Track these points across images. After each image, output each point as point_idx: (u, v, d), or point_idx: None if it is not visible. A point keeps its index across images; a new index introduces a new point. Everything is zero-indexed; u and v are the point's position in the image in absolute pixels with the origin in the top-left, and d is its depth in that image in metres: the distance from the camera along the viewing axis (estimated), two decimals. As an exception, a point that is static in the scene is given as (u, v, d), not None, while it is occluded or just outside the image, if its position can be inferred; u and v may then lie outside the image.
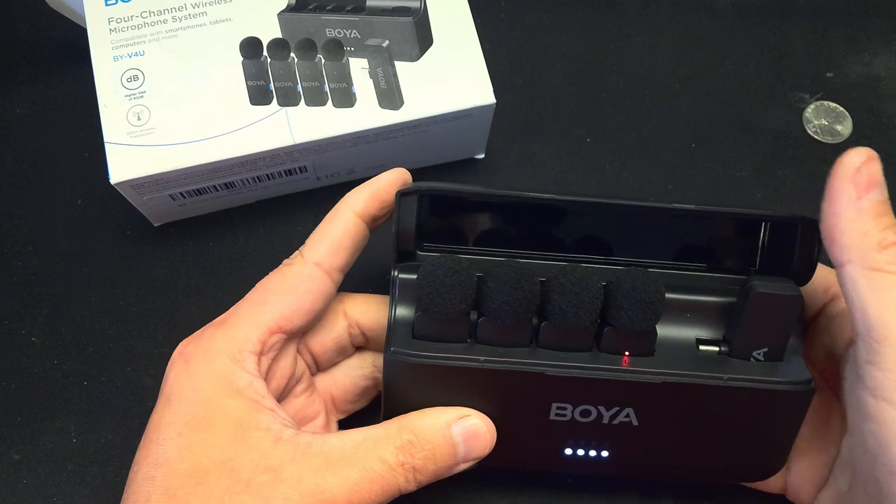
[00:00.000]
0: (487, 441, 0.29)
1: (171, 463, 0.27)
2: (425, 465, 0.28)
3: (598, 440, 0.30)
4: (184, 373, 0.29)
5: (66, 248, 0.40)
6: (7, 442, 0.36)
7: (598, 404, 0.29)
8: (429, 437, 0.28)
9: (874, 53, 0.45)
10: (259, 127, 0.35)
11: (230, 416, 0.28)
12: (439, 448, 0.28)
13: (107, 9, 0.37)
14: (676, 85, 0.44)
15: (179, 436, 0.27)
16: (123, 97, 0.36)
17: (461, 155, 0.42)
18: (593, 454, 0.30)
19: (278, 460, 0.27)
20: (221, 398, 0.28)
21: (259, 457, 0.27)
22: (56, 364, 0.38)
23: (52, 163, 0.42)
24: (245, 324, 0.29)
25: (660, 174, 0.42)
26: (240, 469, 0.27)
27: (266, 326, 0.29)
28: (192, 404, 0.28)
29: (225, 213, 0.40)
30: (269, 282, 0.30)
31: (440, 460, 0.28)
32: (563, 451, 0.30)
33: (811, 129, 0.43)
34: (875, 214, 0.26)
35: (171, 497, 0.27)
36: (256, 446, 0.27)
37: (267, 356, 0.29)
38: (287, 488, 0.26)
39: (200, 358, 0.29)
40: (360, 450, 0.27)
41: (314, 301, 0.30)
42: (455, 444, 0.29)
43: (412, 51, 0.36)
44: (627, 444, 0.30)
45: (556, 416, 0.29)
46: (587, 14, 0.46)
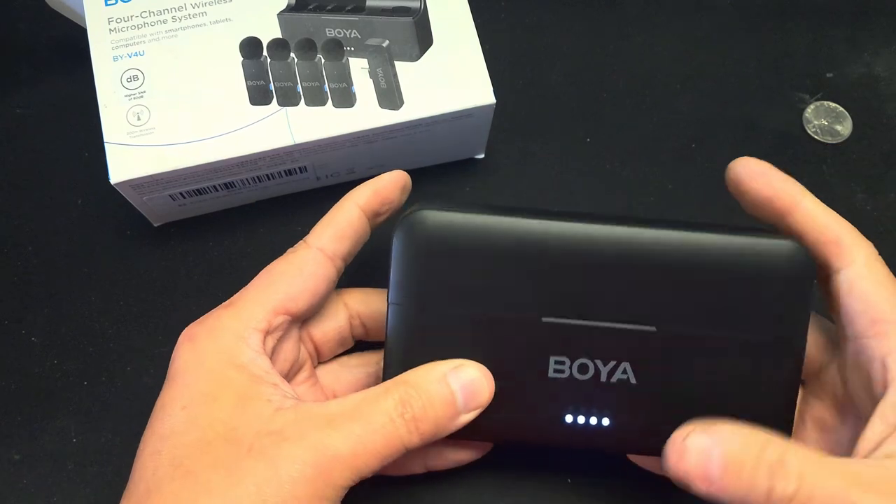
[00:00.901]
0: (485, 389, 0.29)
1: (176, 436, 0.28)
2: (425, 414, 0.28)
3: (598, 403, 0.30)
4: (189, 351, 0.29)
5: (66, 248, 0.40)
6: (7, 442, 0.36)
7: (595, 358, 0.29)
8: (425, 387, 0.28)
9: (874, 53, 0.45)
10: (259, 127, 0.35)
11: (233, 388, 0.28)
12: (437, 397, 0.28)
13: (107, 9, 0.37)
14: (676, 85, 0.44)
15: (184, 409, 0.28)
16: (123, 97, 0.36)
17: (461, 155, 0.42)
18: (594, 422, 0.30)
19: (280, 424, 0.27)
20: (225, 371, 0.28)
21: (261, 424, 0.27)
22: (56, 364, 0.38)
23: (52, 163, 0.42)
24: (251, 304, 0.30)
25: (660, 174, 0.42)
26: (242, 436, 0.27)
27: (272, 306, 0.30)
28: (196, 379, 0.29)
29: (225, 213, 0.40)
30: (275, 266, 0.31)
31: (439, 410, 0.28)
32: (564, 417, 0.30)
33: (811, 129, 0.43)
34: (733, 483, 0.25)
35: (177, 467, 0.27)
36: (258, 415, 0.28)
37: (273, 336, 0.30)
38: (290, 446, 0.27)
39: (205, 336, 0.29)
40: (360, 406, 0.28)
41: (318, 283, 0.31)
42: (452, 392, 0.29)
43: (412, 51, 0.36)
44: (628, 407, 0.30)
45: (555, 372, 0.29)
46: (587, 14, 0.46)
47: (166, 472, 0.27)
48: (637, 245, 0.29)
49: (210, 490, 0.26)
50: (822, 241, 0.29)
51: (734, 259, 0.29)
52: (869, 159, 0.43)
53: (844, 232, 0.29)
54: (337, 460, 0.27)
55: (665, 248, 0.29)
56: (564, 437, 0.30)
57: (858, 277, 0.28)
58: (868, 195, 0.42)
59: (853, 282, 0.29)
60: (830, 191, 0.42)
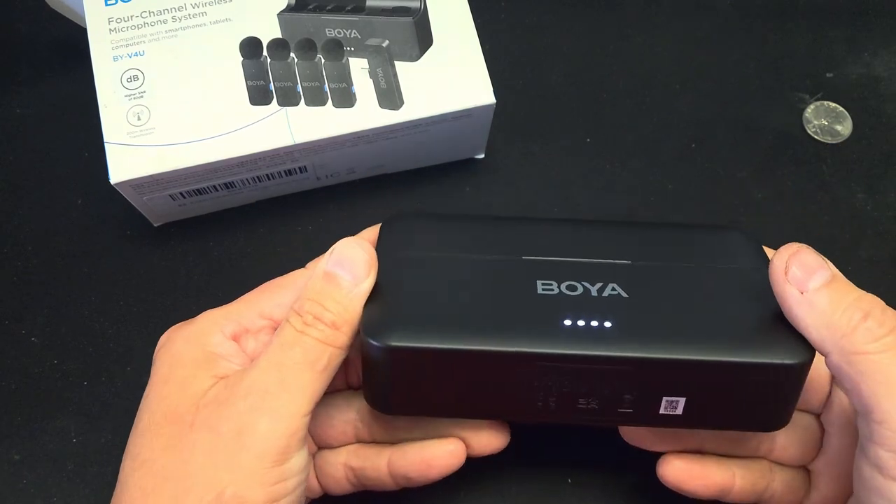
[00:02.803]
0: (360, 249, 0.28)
1: (137, 425, 0.28)
2: (319, 309, 0.27)
3: (596, 310, 0.29)
4: (165, 342, 0.30)
5: (66, 248, 0.40)
6: (7, 442, 0.36)
7: (581, 280, 0.30)
8: (310, 286, 0.28)
9: (874, 53, 0.45)
10: (259, 127, 0.35)
11: (186, 367, 0.28)
12: (321, 286, 0.28)
13: (107, 9, 0.37)
14: (676, 85, 0.44)
15: (146, 398, 0.28)
16: (123, 97, 0.36)
17: (461, 155, 0.42)
18: (595, 324, 0.28)
19: (215, 393, 0.27)
20: (188, 353, 0.29)
21: (199, 397, 0.27)
22: (56, 364, 0.38)
23: (52, 163, 0.42)
24: (237, 304, 0.30)
25: (660, 174, 0.42)
26: (184, 413, 0.27)
27: (257, 310, 0.30)
28: (164, 366, 0.29)
29: (225, 213, 0.40)
30: (272, 280, 0.31)
31: (330, 295, 0.28)
32: (563, 321, 0.28)
33: (811, 129, 0.43)
34: (829, 301, 0.26)
35: (135, 458, 0.27)
36: (199, 389, 0.28)
37: (256, 337, 0.30)
38: (225, 408, 0.26)
39: (183, 326, 0.30)
40: (274, 341, 0.27)
41: None
42: (332, 274, 0.28)
43: (412, 51, 0.36)
44: (626, 313, 0.29)
45: (543, 290, 0.29)
46: (587, 14, 0.46)
47: (129, 467, 0.27)
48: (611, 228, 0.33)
49: (166, 474, 0.26)
50: None
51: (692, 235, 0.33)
52: (869, 159, 0.43)
53: None
54: (274, 397, 0.26)
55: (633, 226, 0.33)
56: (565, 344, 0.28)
57: None
58: (868, 195, 0.42)
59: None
60: (830, 191, 0.42)
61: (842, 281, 0.27)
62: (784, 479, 0.32)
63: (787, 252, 0.27)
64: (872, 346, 0.25)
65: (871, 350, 0.25)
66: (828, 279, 0.26)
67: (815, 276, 0.26)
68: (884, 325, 0.25)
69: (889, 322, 0.25)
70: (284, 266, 0.32)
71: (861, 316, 0.25)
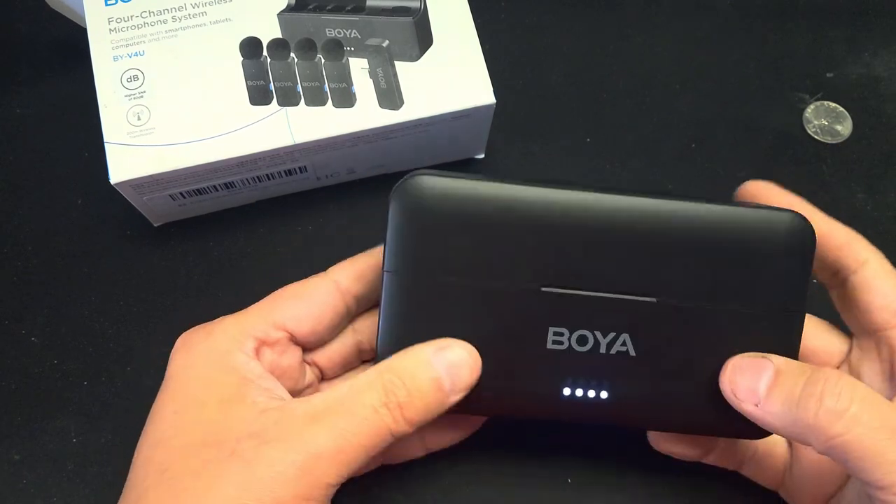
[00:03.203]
0: (472, 368, 0.28)
1: (164, 441, 0.28)
2: (410, 401, 0.27)
3: (597, 375, 0.29)
4: (184, 355, 0.29)
5: (66, 248, 0.40)
6: (7, 442, 0.36)
7: (594, 329, 0.29)
8: (410, 372, 0.27)
9: (874, 53, 0.45)
10: (259, 127, 0.35)
11: (221, 391, 0.28)
12: (422, 382, 0.27)
13: (107, 9, 0.37)
14: (676, 85, 0.44)
15: (175, 414, 0.28)
16: (123, 97, 0.36)
17: (461, 155, 0.42)
18: (592, 395, 0.30)
19: (262, 425, 0.27)
20: (216, 374, 0.28)
21: (243, 426, 0.27)
22: (56, 364, 0.38)
23: (52, 163, 0.42)
24: (252, 315, 0.30)
25: (660, 174, 0.42)
26: (224, 440, 0.27)
27: (272, 320, 0.30)
28: (188, 383, 0.29)
29: (225, 213, 0.40)
30: (288, 287, 0.31)
31: (427, 395, 0.28)
32: (562, 390, 0.29)
33: (811, 129, 0.43)
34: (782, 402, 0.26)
35: (162, 473, 0.27)
36: (241, 417, 0.27)
37: (273, 350, 0.30)
38: (270, 449, 0.26)
39: (202, 339, 0.29)
40: (344, 399, 0.27)
41: (324, 311, 0.30)
42: (438, 377, 0.28)
43: (412, 51, 0.36)
44: (625, 380, 0.29)
45: (554, 343, 0.29)
46: (587, 14, 0.46)
47: (153, 480, 0.27)
48: (639, 215, 0.28)
49: (190, 495, 0.26)
50: (832, 246, 0.30)
51: (735, 230, 0.29)
52: (869, 159, 0.43)
53: (851, 236, 0.30)
54: (321, 458, 0.26)
55: (667, 219, 0.28)
56: (561, 411, 0.30)
57: (874, 276, 0.30)
58: (868, 195, 0.42)
59: (870, 280, 0.30)
60: (830, 191, 0.42)
61: (785, 370, 0.27)
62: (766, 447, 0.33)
63: (727, 371, 0.28)
64: (840, 428, 0.25)
65: (841, 431, 0.25)
66: (771, 380, 0.27)
67: (760, 382, 0.27)
68: (841, 400, 0.26)
69: (845, 394, 0.26)
70: (284, 266, 0.32)
71: (816, 401, 0.26)
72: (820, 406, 0.26)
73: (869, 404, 0.25)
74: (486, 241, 0.28)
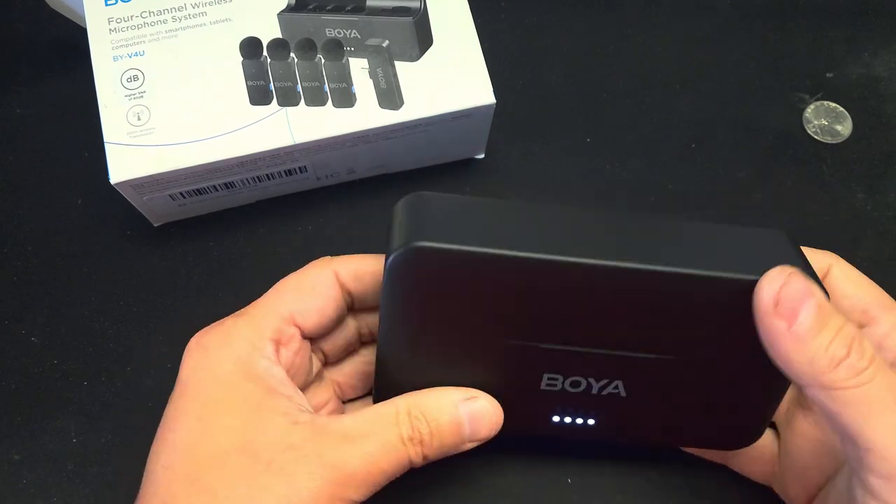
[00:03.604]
0: (493, 423, 0.30)
1: (190, 448, 0.27)
2: (431, 441, 0.29)
3: (586, 409, 0.30)
4: (202, 359, 0.29)
5: (66, 248, 0.40)
6: (7, 442, 0.36)
7: (588, 376, 0.29)
8: (435, 414, 0.29)
9: (874, 53, 0.45)
10: (259, 127, 0.35)
11: (248, 399, 0.28)
12: (445, 426, 0.29)
13: (107, 9, 0.37)
14: (676, 85, 0.44)
15: (198, 420, 0.28)
16: (123, 97, 0.36)
17: (461, 155, 0.42)
18: (580, 422, 0.31)
19: (299, 439, 0.27)
20: (240, 381, 0.28)
21: (279, 437, 0.27)
22: (56, 364, 0.38)
23: (52, 163, 0.42)
24: (264, 314, 0.30)
25: (660, 174, 0.42)
26: (261, 450, 0.27)
27: (282, 318, 0.30)
28: (210, 389, 0.28)
29: (225, 213, 0.40)
30: (290, 279, 0.31)
31: (446, 437, 0.29)
32: (551, 417, 0.31)
33: (811, 129, 0.43)
34: (813, 333, 0.25)
35: (193, 482, 0.27)
36: (275, 428, 0.27)
37: (287, 348, 0.30)
38: (309, 463, 0.27)
39: (219, 344, 0.29)
40: (375, 426, 0.28)
41: (327, 304, 0.30)
42: (461, 423, 0.29)
43: (412, 51, 0.36)
44: (614, 414, 0.30)
45: (547, 386, 0.30)
46: (587, 14, 0.46)
47: (182, 488, 0.27)
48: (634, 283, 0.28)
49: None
50: None
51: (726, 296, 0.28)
52: (869, 159, 0.43)
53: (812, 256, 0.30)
54: (352, 478, 0.27)
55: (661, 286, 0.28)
56: (549, 432, 0.31)
57: (840, 280, 0.30)
58: (868, 195, 0.42)
59: (836, 286, 0.30)
60: (830, 191, 0.42)
61: (826, 310, 0.26)
62: None
63: (778, 281, 0.26)
64: (854, 381, 0.25)
65: (852, 384, 0.25)
66: (815, 312, 0.26)
67: (804, 308, 0.26)
68: (864, 357, 0.25)
69: (868, 352, 0.25)
70: (284, 266, 0.32)
71: (844, 352, 0.25)
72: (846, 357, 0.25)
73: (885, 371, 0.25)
74: (482, 307, 0.28)
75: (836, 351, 0.25)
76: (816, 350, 0.25)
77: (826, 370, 0.25)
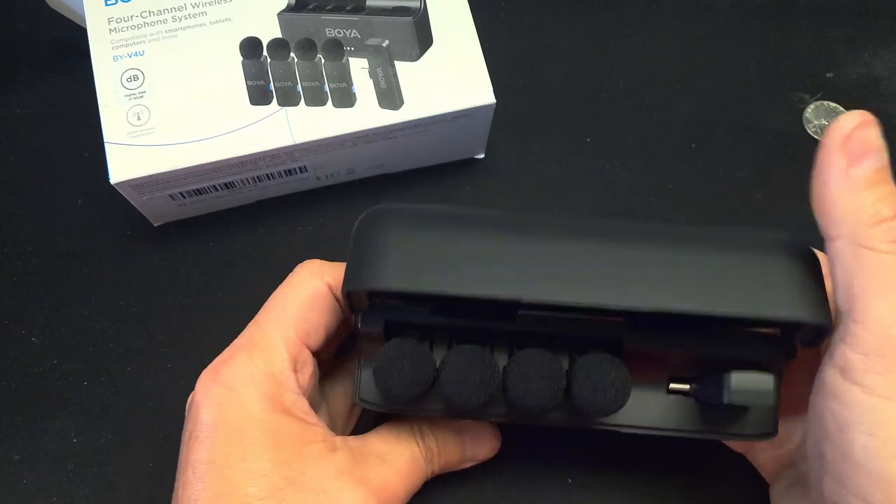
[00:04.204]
0: (490, 448, 0.33)
1: (238, 489, 0.27)
2: (439, 458, 0.32)
3: None
4: (229, 399, 0.28)
5: (66, 248, 0.40)
6: (7, 442, 0.36)
7: None
8: (443, 436, 0.32)
9: (874, 53, 0.45)
10: (259, 127, 0.35)
11: (287, 433, 0.28)
12: (450, 444, 0.32)
13: (107, 9, 0.37)
14: (676, 85, 0.44)
15: (243, 461, 0.27)
16: (123, 97, 0.36)
17: (461, 155, 0.42)
18: None
19: (346, 465, 0.29)
20: (274, 417, 0.28)
21: (326, 466, 0.28)
22: (56, 364, 0.38)
23: (52, 163, 0.42)
24: (276, 342, 0.29)
25: (660, 174, 0.42)
26: (313, 480, 0.28)
27: (294, 344, 0.29)
28: (246, 428, 0.28)
29: (225, 213, 0.40)
30: (287, 297, 0.30)
31: (450, 456, 0.32)
32: None
33: (811, 129, 0.43)
34: (868, 185, 0.24)
35: (219, 495, 0.26)
36: (319, 458, 0.28)
37: (302, 374, 0.30)
38: (360, 487, 0.28)
39: (244, 381, 0.28)
40: (399, 445, 0.31)
41: (329, 320, 0.31)
42: (463, 442, 0.32)
43: (412, 51, 0.36)
44: None
45: None
46: (587, 14, 0.46)
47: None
48: None
49: None
50: None
51: None
52: (869, 159, 0.43)
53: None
54: (395, 496, 0.30)
55: None
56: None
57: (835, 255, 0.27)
58: (868, 195, 0.42)
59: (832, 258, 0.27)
60: (830, 191, 0.42)
61: (886, 172, 0.25)
62: None
63: (857, 120, 0.25)
64: (887, 246, 0.24)
65: (884, 249, 0.24)
66: (879, 166, 0.24)
67: (869, 158, 0.24)
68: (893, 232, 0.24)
69: None
70: (284, 266, 0.31)
71: (891, 213, 0.24)
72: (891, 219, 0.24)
73: None
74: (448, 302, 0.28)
75: (884, 210, 0.24)
76: (865, 200, 0.24)
77: (867, 224, 0.24)
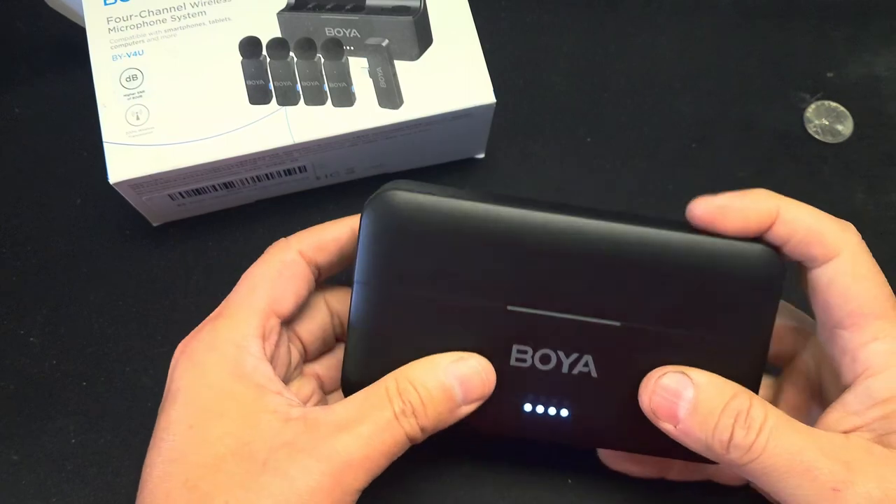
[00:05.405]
0: (484, 380, 0.29)
1: (186, 456, 0.27)
2: (425, 410, 0.28)
3: (558, 393, 0.30)
4: (189, 367, 0.29)
5: (66, 248, 0.40)
6: (6, 442, 0.36)
7: (557, 348, 0.29)
8: (423, 381, 0.28)
9: (875, 53, 0.45)
10: (258, 126, 0.35)
11: (240, 401, 0.28)
12: (435, 391, 0.28)
13: (106, 8, 0.37)
14: (677, 85, 0.44)
15: (191, 428, 0.28)
16: (122, 97, 0.35)
17: (461, 155, 0.41)
18: (553, 412, 0.30)
19: (291, 435, 0.27)
20: (229, 384, 0.28)
21: (272, 436, 0.27)
22: (55, 364, 0.38)
23: (51, 163, 0.42)
24: (243, 311, 0.30)
25: (660, 174, 0.42)
26: (256, 451, 0.27)
27: (261, 311, 0.30)
28: (200, 395, 0.28)
29: (225, 213, 0.40)
30: (256, 270, 0.31)
31: (439, 404, 0.28)
32: (523, 406, 0.30)
33: (812, 128, 0.43)
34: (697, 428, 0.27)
35: (191, 489, 0.26)
36: (268, 427, 0.27)
37: (269, 341, 0.30)
38: (304, 457, 0.26)
39: (205, 349, 0.29)
40: (363, 407, 0.28)
41: (299, 286, 0.31)
42: (451, 387, 0.29)
43: (412, 50, 0.36)
44: (587, 400, 0.30)
45: (517, 360, 0.30)
46: (587, 14, 0.46)
47: (181, 495, 0.26)
48: (609, 240, 0.29)
49: None
50: (806, 240, 0.29)
51: (704, 260, 0.29)
52: (870, 159, 0.43)
53: (827, 228, 0.29)
54: (350, 465, 0.27)
55: (636, 245, 0.29)
56: (524, 427, 0.30)
57: (838, 272, 0.28)
58: (868, 195, 0.42)
59: (833, 276, 0.29)
60: (830, 191, 0.42)
61: (705, 394, 0.27)
62: None
63: (648, 388, 0.28)
64: (747, 458, 0.26)
65: (747, 461, 0.26)
66: (691, 404, 0.27)
67: (680, 404, 0.27)
68: (750, 433, 0.26)
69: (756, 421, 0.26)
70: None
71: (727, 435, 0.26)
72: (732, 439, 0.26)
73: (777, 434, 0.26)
74: (455, 259, 0.29)
75: (721, 435, 0.27)
76: (706, 439, 0.27)
77: (723, 453, 0.27)
